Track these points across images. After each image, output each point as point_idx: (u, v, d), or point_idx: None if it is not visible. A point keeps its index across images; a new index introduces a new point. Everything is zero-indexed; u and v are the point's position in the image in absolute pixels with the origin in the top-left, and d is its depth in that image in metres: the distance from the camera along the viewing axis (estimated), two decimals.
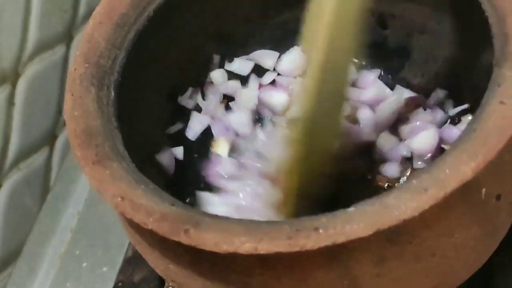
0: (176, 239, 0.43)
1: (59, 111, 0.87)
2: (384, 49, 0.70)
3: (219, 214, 0.46)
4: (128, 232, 0.53)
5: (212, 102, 0.70)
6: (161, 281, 0.69)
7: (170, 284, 0.53)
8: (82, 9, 0.90)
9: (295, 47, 0.71)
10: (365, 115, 0.66)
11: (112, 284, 0.71)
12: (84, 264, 0.75)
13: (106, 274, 0.73)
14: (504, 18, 0.50)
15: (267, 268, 0.45)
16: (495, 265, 0.62)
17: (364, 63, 0.70)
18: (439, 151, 0.64)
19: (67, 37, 0.88)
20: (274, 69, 0.72)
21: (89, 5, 0.90)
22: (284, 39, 0.71)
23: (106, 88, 0.55)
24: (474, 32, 0.61)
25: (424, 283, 0.48)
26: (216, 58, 0.70)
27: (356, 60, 0.69)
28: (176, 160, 0.67)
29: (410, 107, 0.66)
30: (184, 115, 0.69)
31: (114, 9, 0.58)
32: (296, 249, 0.41)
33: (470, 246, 0.49)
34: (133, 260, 0.72)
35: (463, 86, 0.65)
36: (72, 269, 0.75)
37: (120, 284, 0.71)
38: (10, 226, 0.80)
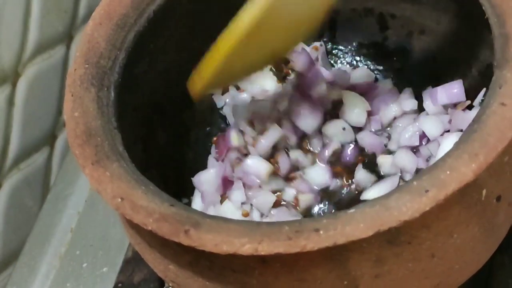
0: (176, 240, 0.43)
1: (59, 111, 0.87)
2: (384, 49, 0.70)
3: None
4: (128, 232, 0.53)
5: None
6: (161, 282, 0.69)
7: (170, 284, 0.53)
8: (82, 9, 0.90)
9: None
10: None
11: (112, 284, 0.71)
12: (84, 264, 0.75)
13: (106, 275, 0.73)
14: (504, 19, 0.50)
15: (266, 268, 0.45)
16: (495, 265, 0.62)
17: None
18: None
19: (67, 37, 0.88)
20: None
21: (89, 5, 0.90)
22: None
23: (106, 88, 0.54)
24: (474, 32, 0.61)
25: (424, 284, 0.48)
26: None
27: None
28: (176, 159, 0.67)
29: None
30: (185, 117, 0.69)
31: (114, 10, 0.58)
32: (297, 250, 0.41)
33: (470, 246, 0.49)
34: (133, 261, 0.72)
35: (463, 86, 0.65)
36: (72, 269, 0.75)
37: (120, 284, 0.71)
38: (10, 226, 0.80)
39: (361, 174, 0.65)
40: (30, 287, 0.77)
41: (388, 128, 0.67)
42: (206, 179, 0.65)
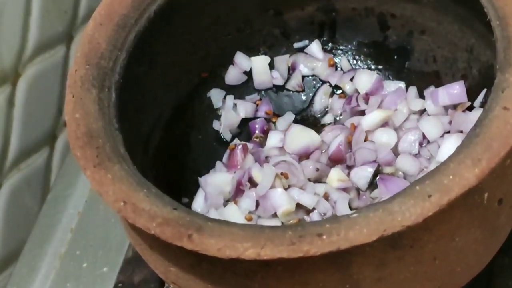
0: (179, 244, 0.43)
1: (59, 112, 0.87)
2: (384, 49, 0.70)
3: None
4: (129, 234, 0.53)
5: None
6: (162, 282, 0.69)
7: (170, 286, 0.53)
8: (82, 9, 0.90)
9: None
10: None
11: (112, 284, 0.71)
12: (84, 265, 0.75)
13: (106, 275, 0.73)
14: (507, 21, 0.50)
15: (269, 271, 0.45)
16: (495, 266, 0.62)
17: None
18: None
19: (67, 38, 0.88)
20: None
21: (89, 5, 0.90)
22: (281, 39, 0.71)
23: (107, 89, 0.54)
24: (475, 33, 0.61)
25: (426, 286, 0.49)
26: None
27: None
28: (175, 159, 0.67)
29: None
30: (185, 117, 0.69)
31: (114, 10, 0.58)
32: (300, 255, 0.41)
33: (471, 249, 0.49)
34: (133, 261, 0.72)
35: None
36: (72, 269, 0.75)
37: (120, 284, 0.71)
38: (10, 226, 0.80)
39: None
40: (30, 287, 0.77)
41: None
42: (213, 182, 0.64)
